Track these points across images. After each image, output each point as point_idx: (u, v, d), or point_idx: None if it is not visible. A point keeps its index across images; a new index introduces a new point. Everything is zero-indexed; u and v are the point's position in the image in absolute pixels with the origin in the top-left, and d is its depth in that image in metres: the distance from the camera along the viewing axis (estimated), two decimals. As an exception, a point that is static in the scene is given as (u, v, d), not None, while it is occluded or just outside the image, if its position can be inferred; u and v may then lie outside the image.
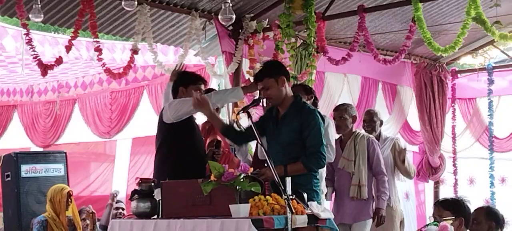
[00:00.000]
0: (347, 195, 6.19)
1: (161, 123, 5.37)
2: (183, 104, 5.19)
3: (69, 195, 6.67)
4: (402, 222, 7.02)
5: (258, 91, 5.21)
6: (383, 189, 6.22)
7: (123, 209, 7.41)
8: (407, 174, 7.04)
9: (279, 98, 4.93)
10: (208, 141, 5.74)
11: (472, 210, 4.74)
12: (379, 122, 7.06)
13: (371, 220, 6.21)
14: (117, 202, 7.47)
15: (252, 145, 7.09)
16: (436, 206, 4.69)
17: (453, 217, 4.52)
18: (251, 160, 5.98)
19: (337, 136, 6.37)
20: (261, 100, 5.27)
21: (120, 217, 7.11)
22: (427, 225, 4.07)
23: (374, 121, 6.98)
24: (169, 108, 5.24)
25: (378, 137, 6.87)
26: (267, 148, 4.73)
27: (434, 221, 4.02)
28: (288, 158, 4.82)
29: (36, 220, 6.75)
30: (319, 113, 5.05)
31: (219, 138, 5.72)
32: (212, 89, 6.01)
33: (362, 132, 6.61)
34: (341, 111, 6.36)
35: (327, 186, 6.26)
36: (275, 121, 5.01)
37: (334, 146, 5.95)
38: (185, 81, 5.39)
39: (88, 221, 6.80)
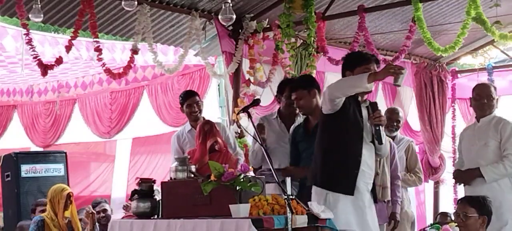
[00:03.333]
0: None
1: None
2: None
3: (69, 196, 6.66)
4: (413, 224, 6.96)
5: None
6: (399, 194, 6.20)
7: (104, 211, 7.34)
8: (417, 180, 6.91)
9: (310, 109, 5.33)
10: (208, 143, 5.72)
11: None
12: (401, 121, 6.99)
13: (385, 224, 6.16)
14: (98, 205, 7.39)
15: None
16: (462, 202, 4.64)
17: (477, 215, 4.52)
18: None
19: None
20: (260, 101, 5.40)
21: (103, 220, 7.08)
22: (431, 226, 4.10)
23: (399, 120, 6.82)
24: None
25: (394, 137, 6.81)
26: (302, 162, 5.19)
27: (453, 219, 4.05)
28: None
29: (33, 219, 6.74)
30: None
31: (218, 139, 5.71)
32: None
33: None
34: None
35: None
36: (304, 133, 5.38)
37: None
38: (352, 64, 4.91)
39: (87, 220, 6.79)
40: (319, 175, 4.73)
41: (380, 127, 4.71)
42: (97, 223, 6.89)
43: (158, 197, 4.96)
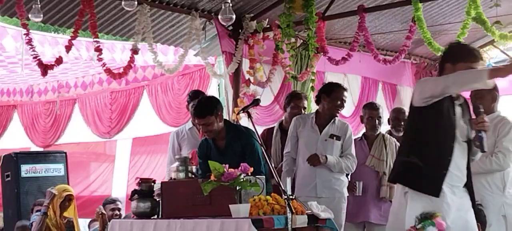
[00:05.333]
0: (372, 194, 6.07)
1: None
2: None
3: (68, 197, 6.66)
4: None
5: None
6: None
7: (119, 210, 7.34)
8: None
9: (219, 132, 5.06)
10: None
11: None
12: None
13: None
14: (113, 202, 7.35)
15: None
16: None
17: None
18: None
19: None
20: (260, 100, 5.35)
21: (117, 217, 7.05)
22: (422, 221, 3.99)
23: (405, 120, 6.83)
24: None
25: (399, 138, 6.77)
26: None
27: (429, 220, 3.96)
28: None
29: (38, 213, 6.74)
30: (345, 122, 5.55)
31: None
32: None
33: (386, 134, 6.48)
34: (379, 111, 6.25)
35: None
36: (217, 152, 5.11)
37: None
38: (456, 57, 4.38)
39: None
40: (403, 171, 4.35)
41: (484, 133, 4.24)
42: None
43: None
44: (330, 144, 5.63)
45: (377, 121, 6.19)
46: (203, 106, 5.04)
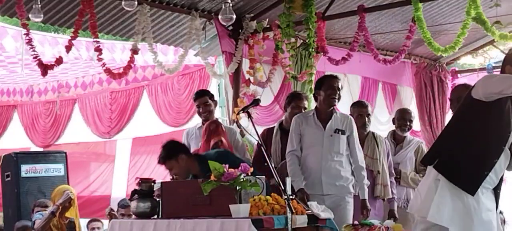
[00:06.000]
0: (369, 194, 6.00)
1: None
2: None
3: (68, 197, 6.67)
4: None
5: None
6: (395, 191, 6.20)
7: (129, 216, 7.31)
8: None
9: (186, 173, 5.21)
10: (212, 142, 5.74)
11: None
12: (413, 121, 6.92)
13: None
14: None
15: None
16: None
17: None
18: (250, 159, 5.98)
19: None
20: (260, 100, 5.35)
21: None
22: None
23: (411, 120, 6.77)
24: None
25: (404, 137, 6.77)
26: None
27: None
28: None
29: (37, 215, 6.75)
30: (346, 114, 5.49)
31: (223, 139, 5.73)
32: None
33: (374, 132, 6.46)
34: (368, 109, 6.24)
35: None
36: None
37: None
38: None
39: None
40: (442, 158, 4.15)
41: None
42: None
43: None
44: (336, 139, 5.54)
45: (366, 118, 6.18)
46: (161, 154, 5.27)
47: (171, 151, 5.21)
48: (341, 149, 5.54)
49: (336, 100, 5.58)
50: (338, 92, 5.57)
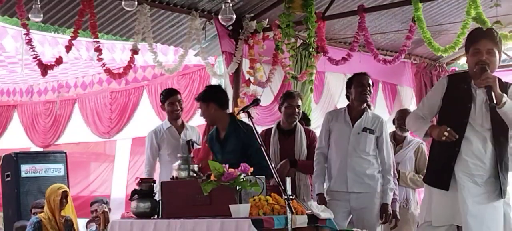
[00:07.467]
0: None
1: None
2: None
3: (65, 194, 6.66)
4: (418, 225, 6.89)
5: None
6: (397, 192, 6.15)
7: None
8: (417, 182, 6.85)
9: (211, 119, 5.39)
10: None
11: None
12: None
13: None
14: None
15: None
16: None
17: None
18: None
19: None
20: (260, 100, 5.38)
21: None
22: None
23: None
24: None
25: (404, 138, 6.76)
26: None
27: None
28: None
29: (29, 221, 6.74)
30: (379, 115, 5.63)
31: None
32: None
33: None
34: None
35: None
36: (217, 142, 5.37)
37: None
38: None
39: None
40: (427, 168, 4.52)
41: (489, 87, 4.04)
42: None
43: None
44: (363, 137, 5.49)
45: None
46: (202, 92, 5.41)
47: (206, 95, 5.33)
48: (368, 148, 5.49)
49: (367, 96, 5.57)
50: (368, 88, 5.56)
